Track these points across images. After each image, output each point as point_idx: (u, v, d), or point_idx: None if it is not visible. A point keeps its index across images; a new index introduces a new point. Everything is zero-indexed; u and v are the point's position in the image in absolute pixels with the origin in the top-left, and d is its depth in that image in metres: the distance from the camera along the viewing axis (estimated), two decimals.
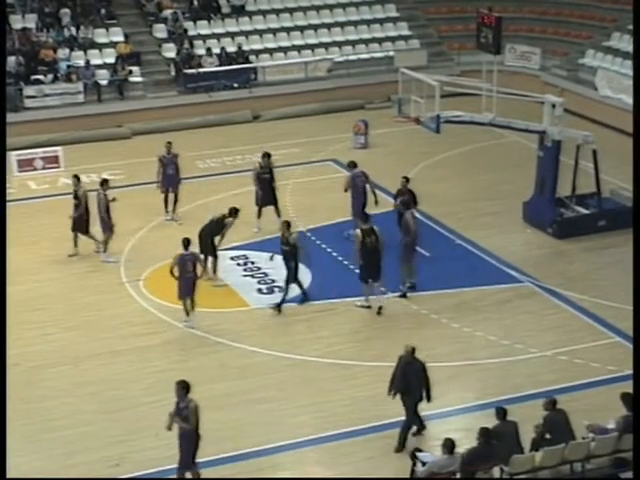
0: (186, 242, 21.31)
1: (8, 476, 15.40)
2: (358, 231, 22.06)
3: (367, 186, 25.20)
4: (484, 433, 15.21)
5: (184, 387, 15.87)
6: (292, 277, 22.18)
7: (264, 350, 20.58)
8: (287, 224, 22.34)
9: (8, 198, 28.57)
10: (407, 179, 24.84)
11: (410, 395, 17.21)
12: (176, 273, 21.16)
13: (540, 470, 15.34)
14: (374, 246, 21.77)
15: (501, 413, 15.82)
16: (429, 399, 17.30)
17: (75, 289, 23.37)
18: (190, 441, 15.92)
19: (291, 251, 22.03)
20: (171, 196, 26.81)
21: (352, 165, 25.51)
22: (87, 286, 23.40)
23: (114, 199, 24.72)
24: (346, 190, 25.34)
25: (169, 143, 26.96)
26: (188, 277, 21.21)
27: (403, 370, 17.17)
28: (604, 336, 20.95)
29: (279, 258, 22.49)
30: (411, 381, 17.12)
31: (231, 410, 18.53)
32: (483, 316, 21.93)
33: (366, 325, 21.66)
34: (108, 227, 24.61)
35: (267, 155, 26.31)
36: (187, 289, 21.30)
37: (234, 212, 23.75)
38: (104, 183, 24.83)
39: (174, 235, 24.88)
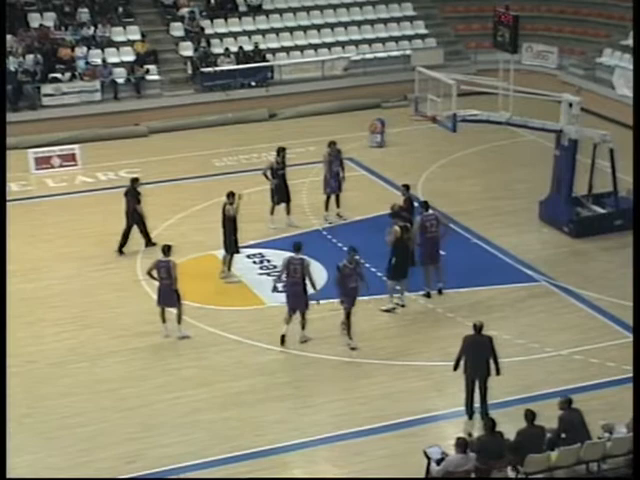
0: (166, 249, 20.83)
1: (13, 475, 15.53)
2: (397, 228, 21.86)
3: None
4: (487, 424, 15.45)
5: None
6: None
7: (280, 348, 20.61)
8: None
9: (25, 196, 28.78)
10: (407, 187, 24.24)
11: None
12: (154, 275, 20.86)
13: (556, 470, 15.34)
14: (408, 244, 21.94)
15: (530, 416, 15.69)
16: (498, 372, 17.65)
17: (92, 287, 23.43)
18: None
19: None
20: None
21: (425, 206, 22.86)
22: (104, 284, 23.46)
23: None
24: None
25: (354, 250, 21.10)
26: (163, 284, 20.76)
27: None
28: (620, 335, 20.88)
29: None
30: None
31: (246, 408, 18.55)
32: (498, 315, 21.89)
33: (382, 323, 21.64)
34: None
35: (282, 150, 26.15)
36: (162, 297, 20.85)
37: (231, 195, 23.34)
38: None
39: (190, 233, 24.98)
